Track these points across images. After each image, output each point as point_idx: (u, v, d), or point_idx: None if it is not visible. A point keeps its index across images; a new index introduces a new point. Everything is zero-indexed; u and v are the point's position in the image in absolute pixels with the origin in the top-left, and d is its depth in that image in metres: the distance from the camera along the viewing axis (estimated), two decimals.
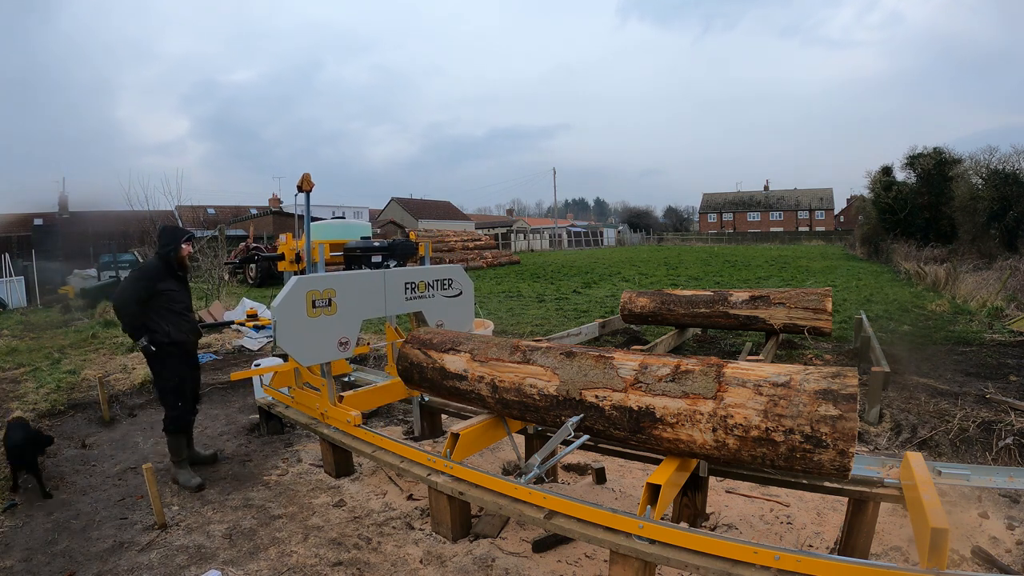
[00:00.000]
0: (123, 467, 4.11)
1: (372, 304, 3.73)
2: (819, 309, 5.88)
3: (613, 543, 2.29)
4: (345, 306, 3.55)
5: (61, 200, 30.25)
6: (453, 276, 4.25)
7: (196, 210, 29.90)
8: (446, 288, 4.17)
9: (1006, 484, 2.60)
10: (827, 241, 47.58)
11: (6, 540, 3.13)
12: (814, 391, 2.07)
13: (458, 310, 4.27)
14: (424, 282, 4.01)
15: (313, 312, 3.38)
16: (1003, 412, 4.26)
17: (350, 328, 3.60)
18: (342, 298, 3.52)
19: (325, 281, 3.45)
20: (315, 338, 3.41)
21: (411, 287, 3.93)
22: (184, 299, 3.88)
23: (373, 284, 3.73)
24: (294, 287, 3.30)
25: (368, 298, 3.69)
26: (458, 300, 4.27)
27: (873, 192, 28.26)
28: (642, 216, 77.91)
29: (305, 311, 3.34)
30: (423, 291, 4.01)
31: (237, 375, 4.58)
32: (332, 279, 3.50)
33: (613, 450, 3.27)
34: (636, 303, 7.10)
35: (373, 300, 3.72)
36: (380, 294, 3.75)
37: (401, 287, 3.87)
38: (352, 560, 2.86)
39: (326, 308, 3.44)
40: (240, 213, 37.78)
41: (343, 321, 3.55)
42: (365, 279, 3.71)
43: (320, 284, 3.42)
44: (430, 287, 4.06)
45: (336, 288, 3.49)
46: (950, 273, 13.26)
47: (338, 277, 3.56)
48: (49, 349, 8.05)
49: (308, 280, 3.38)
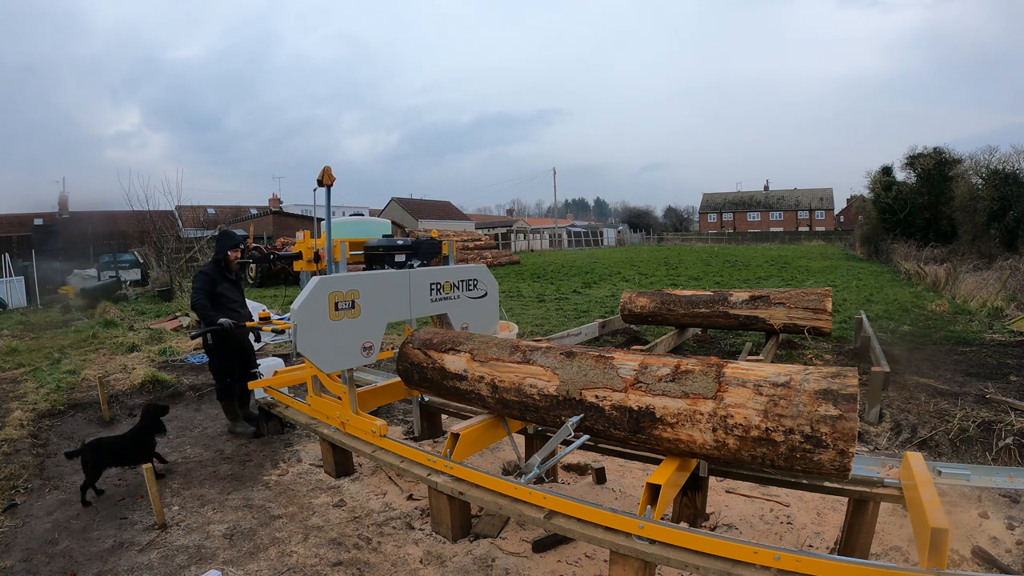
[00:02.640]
0: (123, 467, 4.11)
1: (397, 306, 3.53)
2: (819, 309, 5.88)
3: (613, 543, 2.29)
4: (369, 308, 3.34)
5: (61, 200, 30.27)
6: (478, 276, 4.05)
7: (196, 210, 29.93)
8: (471, 289, 3.98)
9: (1006, 484, 2.60)
10: (827, 241, 47.58)
11: (6, 540, 3.12)
12: (814, 391, 2.07)
13: (483, 312, 4.09)
14: (449, 283, 3.82)
15: (336, 315, 3.17)
16: (1003, 412, 4.26)
17: (374, 332, 3.40)
18: (366, 300, 3.31)
19: (349, 282, 3.23)
20: (338, 343, 3.20)
21: (436, 288, 3.73)
22: (236, 297, 4.72)
23: (398, 285, 3.52)
24: (316, 288, 3.08)
25: (392, 300, 3.49)
26: (483, 301, 4.09)
27: (873, 192, 28.28)
28: (642, 216, 77.93)
29: (327, 314, 3.13)
30: (448, 292, 3.82)
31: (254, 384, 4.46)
32: (356, 279, 3.29)
33: (613, 450, 3.27)
34: (636, 303, 7.10)
35: (398, 302, 3.53)
36: (405, 295, 3.56)
37: (426, 288, 3.68)
38: (352, 560, 2.86)
39: (349, 311, 3.23)
40: (240, 213, 37.78)
41: (367, 324, 3.34)
42: (389, 279, 3.50)
43: (343, 285, 3.20)
44: (455, 288, 3.87)
45: (360, 289, 3.28)
46: (950, 273, 13.27)
47: (362, 277, 3.35)
48: (49, 349, 8.05)
49: (331, 281, 3.16)
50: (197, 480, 3.87)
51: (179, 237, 17.23)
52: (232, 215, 37.03)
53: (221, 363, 4.64)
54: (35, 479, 3.88)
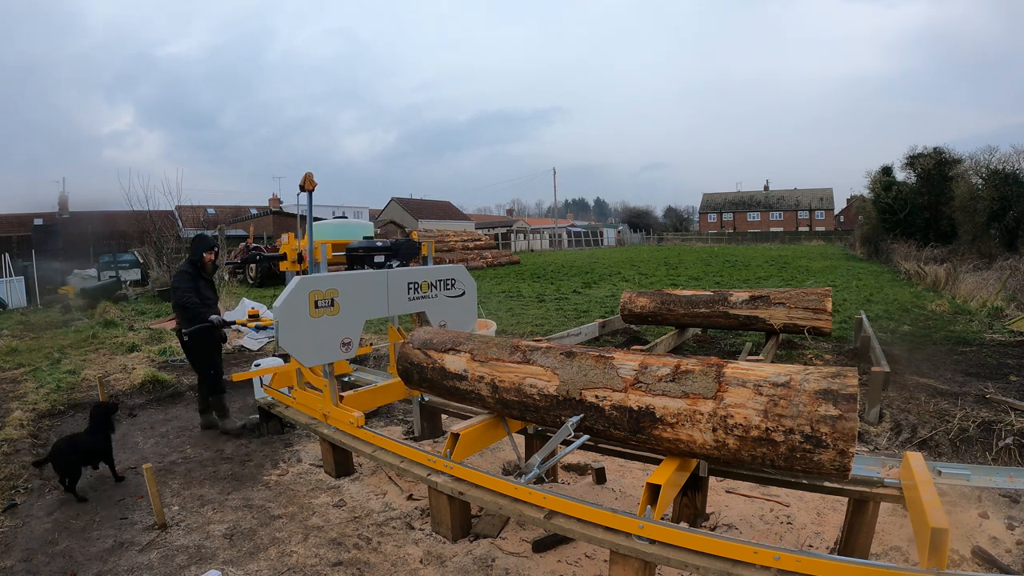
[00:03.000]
0: (123, 467, 4.11)
1: (375, 304, 3.72)
2: (819, 309, 5.88)
3: (613, 543, 2.29)
4: (348, 306, 3.53)
5: (61, 200, 30.27)
6: (456, 276, 4.26)
7: (196, 210, 29.91)
8: (449, 288, 4.19)
9: (1006, 484, 2.60)
10: (827, 241, 47.55)
11: (6, 540, 3.13)
12: (814, 391, 2.07)
13: (460, 310, 4.28)
14: (427, 282, 4.02)
15: (316, 312, 3.36)
16: (1003, 412, 4.26)
17: (353, 328, 3.58)
18: (345, 298, 3.50)
19: (328, 281, 3.43)
20: (317, 338, 3.40)
21: (414, 287, 3.93)
22: (212, 295, 4.83)
23: (376, 284, 3.72)
24: (296, 287, 3.29)
25: (371, 298, 3.68)
26: (461, 300, 4.28)
27: (873, 192, 28.27)
28: (642, 216, 77.91)
29: (308, 311, 3.32)
30: (426, 291, 4.01)
31: (239, 376, 4.62)
32: (335, 279, 3.48)
33: (613, 450, 3.27)
34: (636, 303, 7.10)
35: (376, 300, 3.72)
36: (383, 294, 3.75)
37: (404, 287, 3.87)
38: (352, 560, 2.86)
39: (329, 308, 3.42)
40: (240, 213, 37.78)
41: (346, 321, 3.53)
42: (368, 279, 3.70)
43: (323, 284, 3.40)
44: (433, 287, 4.07)
45: (339, 288, 3.47)
46: (950, 273, 13.27)
47: (341, 277, 3.54)
48: (49, 349, 8.06)
49: (311, 280, 3.36)
50: (197, 480, 3.87)
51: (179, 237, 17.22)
52: (232, 215, 37.01)
53: (210, 358, 4.75)
54: (35, 479, 3.88)
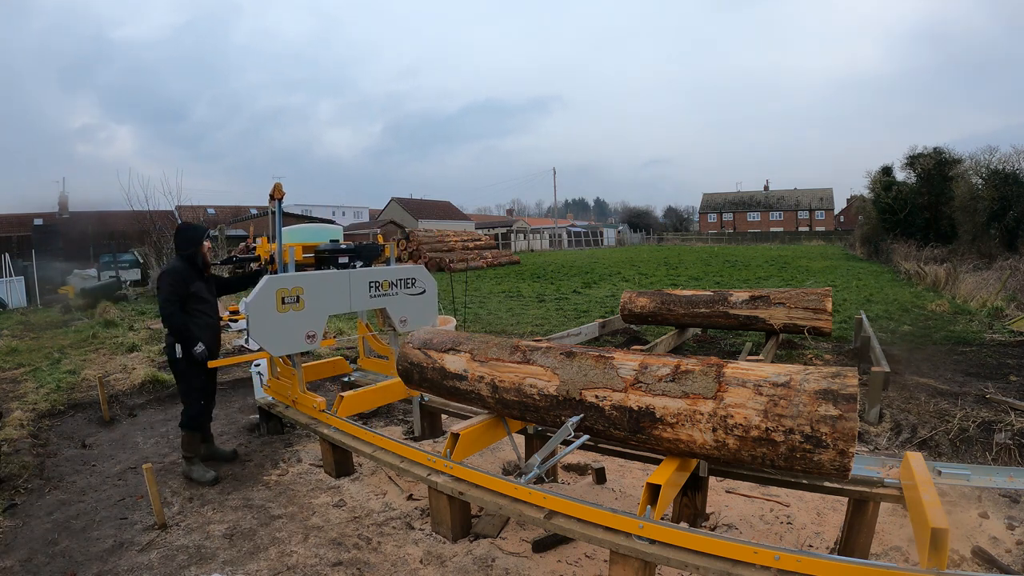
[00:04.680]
0: (123, 467, 4.12)
1: (337, 301, 4.05)
2: (819, 309, 5.88)
3: (613, 543, 2.29)
4: (312, 303, 3.86)
5: (61, 200, 30.27)
6: (416, 276, 4.56)
7: (196, 210, 29.90)
8: (409, 287, 4.50)
9: (1006, 484, 2.59)
10: (827, 241, 47.56)
11: (6, 540, 3.12)
12: (814, 391, 2.07)
13: (421, 307, 4.57)
14: (387, 281, 4.34)
15: (282, 308, 3.70)
16: (1003, 412, 4.26)
17: (316, 323, 3.92)
18: (309, 295, 3.84)
19: (294, 280, 3.78)
20: (284, 331, 3.73)
21: (375, 286, 4.25)
22: (210, 298, 4.05)
23: (338, 283, 4.05)
24: (265, 285, 3.62)
25: (333, 295, 4.01)
26: (421, 298, 4.58)
27: (873, 192, 28.27)
28: (642, 216, 77.91)
29: (275, 307, 3.66)
30: (386, 289, 4.32)
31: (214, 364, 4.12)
32: (300, 278, 3.82)
33: (613, 450, 3.27)
34: (636, 303, 7.10)
35: (338, 297, 4.05)
36: (345, 292, 4.08)
37: (366, 286, 4.19)
38: (352, 560, 2.86)
39: (294, 304, 3.77)
40: (240, 213, 37.79)
41: (310, 316, 3.86)
42: (331, 278, 4.03)
43: (289, 283, 3.75)
44: (393, 286, 4.37)
45: (304, 286, 3.81)
46: (950, 273, 13.27)
47: (306, 276, 3.88)
48: (49, 349, 8.06)
49: (278, 279, 3.71)
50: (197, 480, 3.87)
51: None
52: (232, 215, 37.02)
53: (193, 384, 3.91)
54: (35, 479, 3.88)
